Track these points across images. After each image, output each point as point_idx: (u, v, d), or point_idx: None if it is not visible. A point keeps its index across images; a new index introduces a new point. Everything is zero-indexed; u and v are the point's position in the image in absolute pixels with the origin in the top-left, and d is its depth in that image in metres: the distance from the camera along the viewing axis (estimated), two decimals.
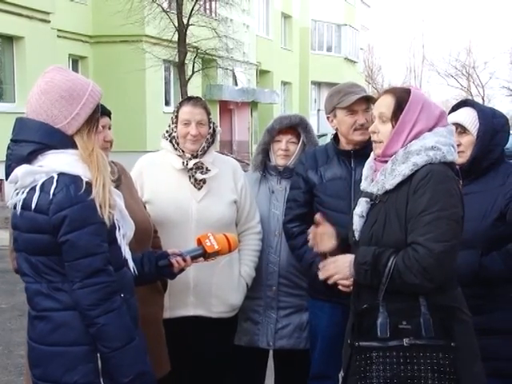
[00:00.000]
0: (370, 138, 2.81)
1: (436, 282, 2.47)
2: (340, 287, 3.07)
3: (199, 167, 3.37)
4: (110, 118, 3.06)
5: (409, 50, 69.55)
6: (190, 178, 3.38)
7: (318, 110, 35.55)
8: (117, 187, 2.53)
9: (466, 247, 2.82)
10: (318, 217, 2.89)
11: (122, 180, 3.07)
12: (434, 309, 2.47)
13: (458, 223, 2.50)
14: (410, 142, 2.58)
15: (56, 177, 2.25)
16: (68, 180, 2.25)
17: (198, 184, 3.38)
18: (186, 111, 3.38)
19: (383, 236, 2.56)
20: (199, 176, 3.36)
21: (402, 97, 2.61)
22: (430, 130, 2.60)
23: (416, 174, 2.52)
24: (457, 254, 2.52)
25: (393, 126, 2.61)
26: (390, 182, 2.56)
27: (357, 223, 2.69)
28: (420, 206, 2.47)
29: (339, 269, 2.65)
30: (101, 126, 2.91)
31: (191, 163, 3.36)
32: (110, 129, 3.05)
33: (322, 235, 2.83)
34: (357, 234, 2.69)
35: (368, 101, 3.37)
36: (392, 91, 2.68)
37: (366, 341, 2.49)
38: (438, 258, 2.42)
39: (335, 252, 2.77)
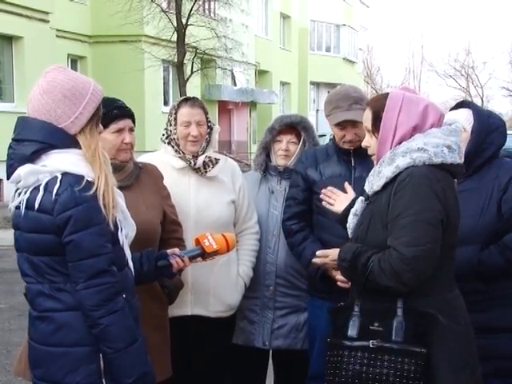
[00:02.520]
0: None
1: (409, 286, 2.42)
2: (339, 283, 3.08)
3: (207, 164, 3.38)
4: (132, 120, 3.03)
5: (408, 51, 69.72)
6: (199, 173, 3.38)
7: (317, 111, 35.57)
8: (121, 188, 2.51)
9: (464, 244, 2.83)
10: (347, 184, 3.15)
11: (140, 180, 3.06)
12: (410, 313, 2.44)
13: (435, 227, 2.42)
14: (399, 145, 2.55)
15: (60, 176, 2.24)
16: (72, 180, 2.23)
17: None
18: (185, 113, 3.37)
19: (367, 236, 2.56)
20: (213, 172, 3.39)
21: (377, 106, 2.59)
22: (421, 127, 2.54)
23: (399, 176, 2.49)
24: (434, 258, 2.43)
25: (376, 138, 2.60)
26: (377, 184, 2.56)
27: (350, 221, 2.71)
28: (397, 209, 2.44)
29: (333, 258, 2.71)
30: (119, 128, 2.94)
31: (200, 160, 3.36)
32: (132, 131, 3.03)
33: (344, 198, 3.02)
34: (349, 232, 2.71)
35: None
36: (370, 102, 2.68)
37: (337, 338, 2.50)
38: (409, 262, 2.37)
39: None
